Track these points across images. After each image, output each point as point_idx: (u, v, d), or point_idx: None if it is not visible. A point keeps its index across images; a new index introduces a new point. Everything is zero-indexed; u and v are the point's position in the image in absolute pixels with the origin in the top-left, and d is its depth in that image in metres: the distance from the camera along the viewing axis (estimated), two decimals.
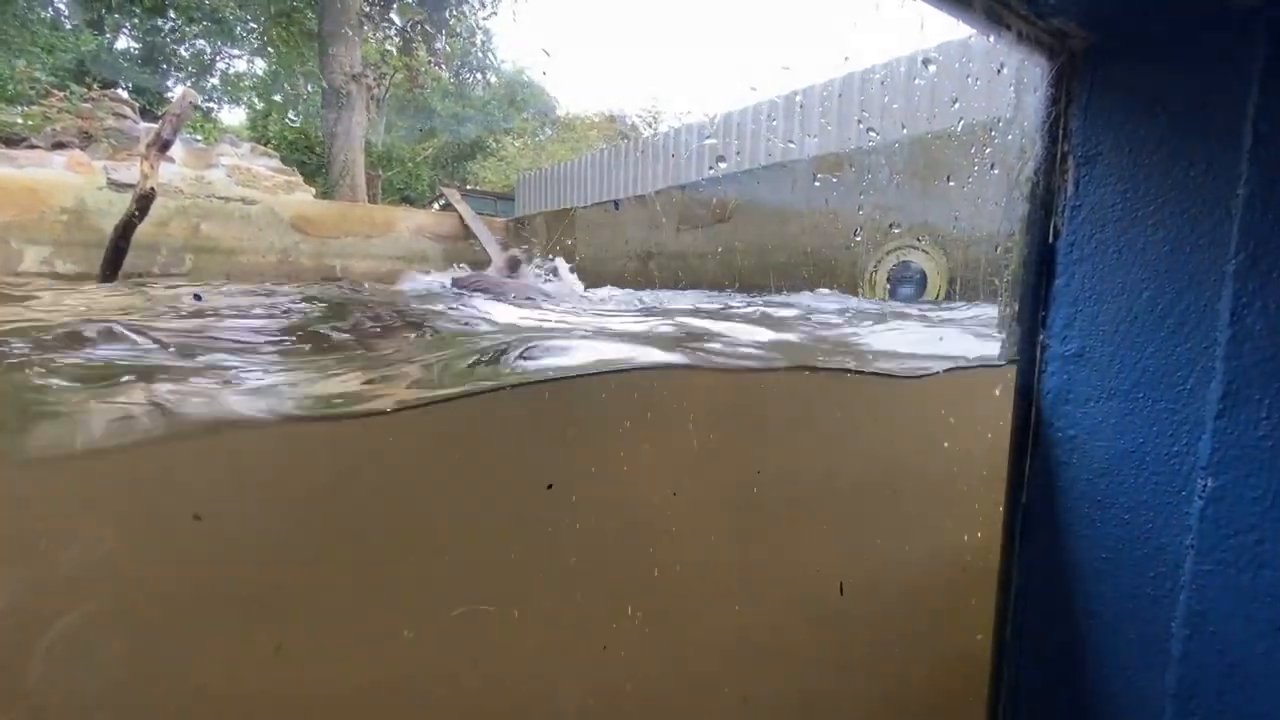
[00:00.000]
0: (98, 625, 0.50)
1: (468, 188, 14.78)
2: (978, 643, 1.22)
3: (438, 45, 16.64)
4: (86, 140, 8.69)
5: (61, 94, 9.29)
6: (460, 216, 10.55)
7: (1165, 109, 1.00)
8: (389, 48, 15.66)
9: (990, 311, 1.28)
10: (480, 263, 10.23)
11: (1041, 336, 1.15)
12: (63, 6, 14.69)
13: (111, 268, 4.89)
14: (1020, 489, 1.19)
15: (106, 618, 0.52)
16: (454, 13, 16.99)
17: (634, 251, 7.80)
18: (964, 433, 1.12)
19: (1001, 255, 1.17)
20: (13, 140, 8.66)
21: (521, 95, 22.38)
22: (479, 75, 20.75)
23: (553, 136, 21.43)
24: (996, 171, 1.15)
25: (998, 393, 1.17)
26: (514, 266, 5.33)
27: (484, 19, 18.10)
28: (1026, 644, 1.22)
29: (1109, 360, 1.06)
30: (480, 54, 19.84)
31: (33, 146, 8.44)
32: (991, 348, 1.14)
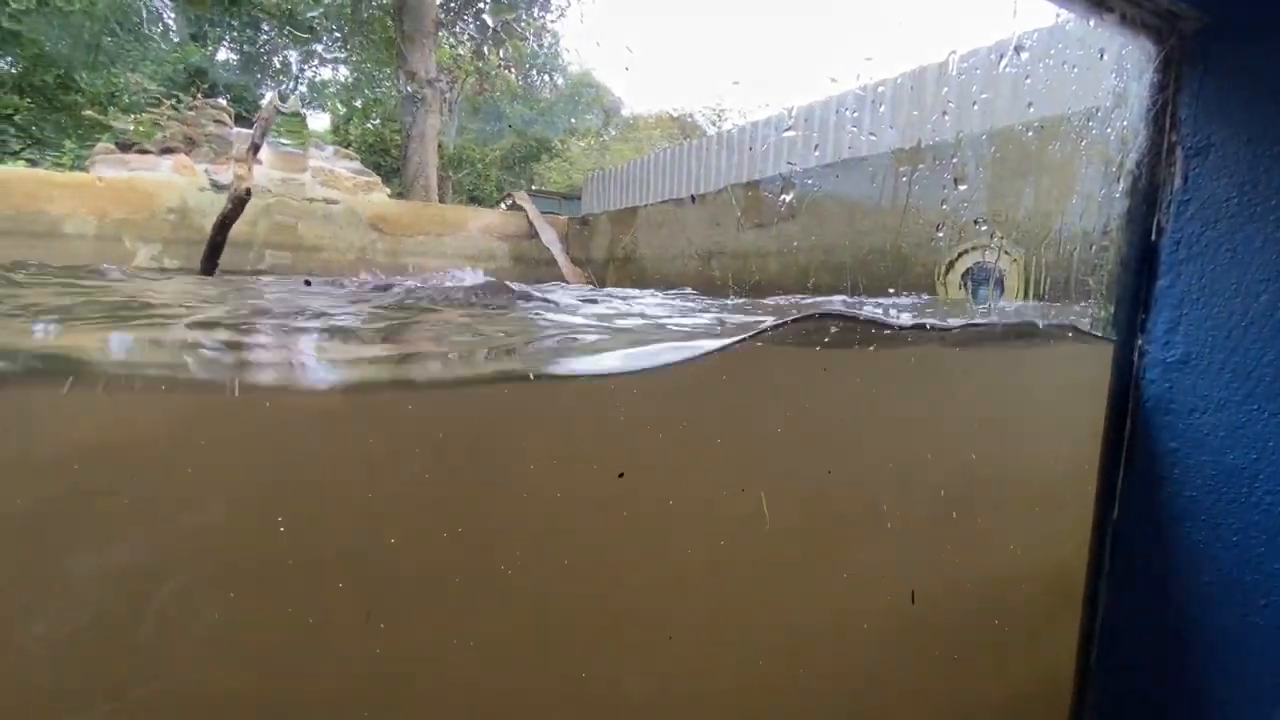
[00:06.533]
0: None
1: (533, 188, 15.12)
2: (1060, 665, 1.14)
3: (507, 49, 17.07)
4: (190, 145, 9.40)
5: (169, 102, 10.07)
6: (527, 216, 10.80)
7: None
8: (461, 52, 16.19)
9: None
10: (544, 261, 10.45)
11: (1140, 341, 1.07)
12: (171, 21, 15.94)
13: (210, 263, 5.28)
14: (1111, 503, 1.11)
15: None
16: (524, 17, 17.39)
17: (696, 251, 7.76)
18: (1050, 440, 1.06)
19: (1096, 254, 1.09)
20: (125, 145, 9.47)
21: (587, 97, 22.66)
22: (546, 77, 21.14)
23: (616, 136, 21.61)
24: (1093, 164, 1.08)
25: (1088, 399, 1.10)
26: None
27: (552, 22, 18.44)
28: (1115, 671, 1.14)
29: (1219, 368, 0.98)
30: (548, 56, 20.21)
31: (144, 151, 9.20)
32: None
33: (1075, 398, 1.11)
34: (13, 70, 13.47)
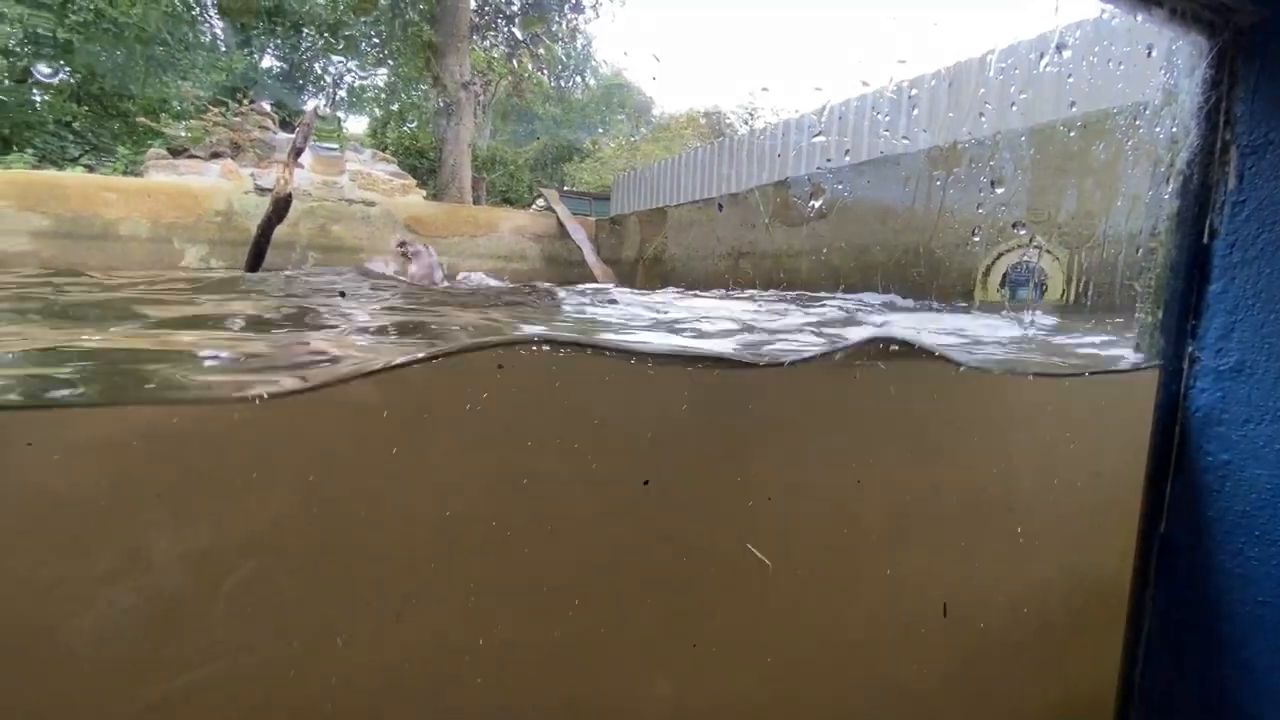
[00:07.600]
0: None
1: (564, 189, 15.22)
2: (1101, 685, 1.11)
3: (540, 51, 17.24)
4: (236, 150, 9.73)
5: (217, 109, 10.43)
6: (557, 217, 10.89)
7: None
8: (495, 56, 16.42)
9: None
10: (575, 261, 10.52)
11: (1190, 348, 1.03)
12: (219, 30, 16.52)
13: (255, 264, 5.45)
14: (1158, 517, 1.07)
15: None
16: (557, 19, 17.54)
17: (725, 250, 7.72)
18: (1093, 450, 1.02)
19: (1144, 257, 1.05)
20: (176, 151, 9.85)
21: (618, 97, 22.73)
22: (578, 79, 21.28)
23: (647, 136, 21.64)
24: (1140, 164, 1.04)
25: (1134, 407, 1.05)
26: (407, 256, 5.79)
27: (584, 23, 18.55)
28: (1160, 693, 1.10)
29: (1276, 377, 0.93)
30: (580, 58, 20.35)
31: (193, 156, 9.56)
32: None
33: (1124, 406, 1.07)
34: (71, 80, 14.13)
